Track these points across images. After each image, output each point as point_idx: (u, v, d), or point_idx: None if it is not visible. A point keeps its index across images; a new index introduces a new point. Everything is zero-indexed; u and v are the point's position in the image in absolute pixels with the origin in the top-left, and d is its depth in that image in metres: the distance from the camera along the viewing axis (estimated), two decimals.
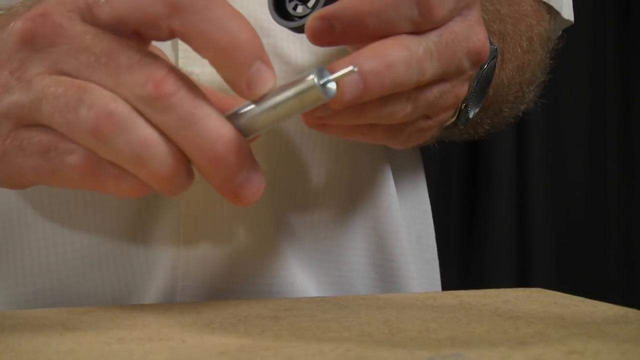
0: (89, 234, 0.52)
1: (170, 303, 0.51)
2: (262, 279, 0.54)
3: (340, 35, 0.36)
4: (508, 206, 1.75)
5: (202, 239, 0.52)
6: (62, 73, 0.34)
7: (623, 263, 1.80)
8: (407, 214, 0.63)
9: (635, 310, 0.43)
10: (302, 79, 0.34)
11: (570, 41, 0.67)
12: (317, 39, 0.36)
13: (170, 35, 0.34)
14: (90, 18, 0.34)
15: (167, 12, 0.33)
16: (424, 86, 0.38)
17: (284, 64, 0.53)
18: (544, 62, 0.62)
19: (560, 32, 0.67)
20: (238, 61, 0.33)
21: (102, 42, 0.34)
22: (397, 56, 0.36)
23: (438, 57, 0.37)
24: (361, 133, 0.40)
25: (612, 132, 1.81)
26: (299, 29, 0.40)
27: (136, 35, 0.35)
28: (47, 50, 0.34)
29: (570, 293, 0.50)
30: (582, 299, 0.47)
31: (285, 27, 0.41)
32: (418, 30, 0.37)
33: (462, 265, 1.75)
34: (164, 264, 0.53)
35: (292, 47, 0.53)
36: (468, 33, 0.39)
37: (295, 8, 0.41)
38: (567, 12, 0.65)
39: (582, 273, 1.78)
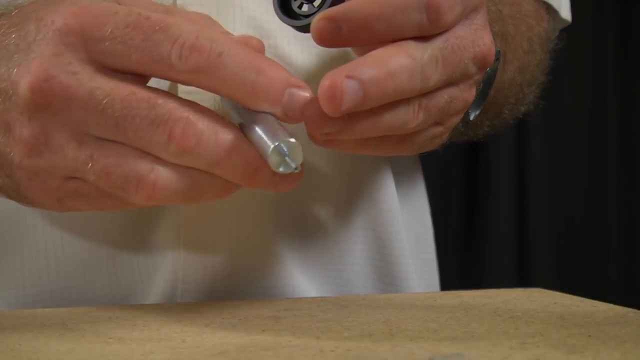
0: (89, 237, 0.52)
1: (170, 303, 0.51)
2: (263, 281, 0.54)
3: (346, 38, 0.36)
4: (508, 206, 1.74)
5: (202, 241, 0.52)
6: (89, 135, 0.35)
7: (623, 263, 1.80)
8: (405, 214, 0.63)
9: (635, 310, 0.43)
10: (266, 145, 0.35)
11: (570, 41, 0.67)
12: (323, 40, 0.36)
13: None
14: (93, 63, 0.35)
15: (187, 77, 0.34)
16: (433, 92, 0.38)
17: (285, 65, 0.52)
18: (543, 62, 0.62)
19: (558, 32, 0.67)
20: (268, 100, 0.35)
21: (114, 102, 0.34)
22: (399, 64, 0.35)
23: (443, 63, 0.37)
24: (372, 147, 0.40)
25: (612, 132, 1.81)
26: (304, 28, 0.40)
27: None
28: (65, 114, 0.35)
29: (570, 293, 0.50)
30: (582, 299, 0.47)
31: (290, 25, 0.41)
32: (425, 35, 0.37)
33: (462, 265, 1.75)
34: (164, 267, 0.53)
35: (292, 48, 0.53)
36: (474, 37, 0.38)
37: (300, 6, 0.40)
38: (565, 12, 0.65)
39: (582, 273, 1.78)
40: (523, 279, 1.72)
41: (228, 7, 0.51)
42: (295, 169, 0.34)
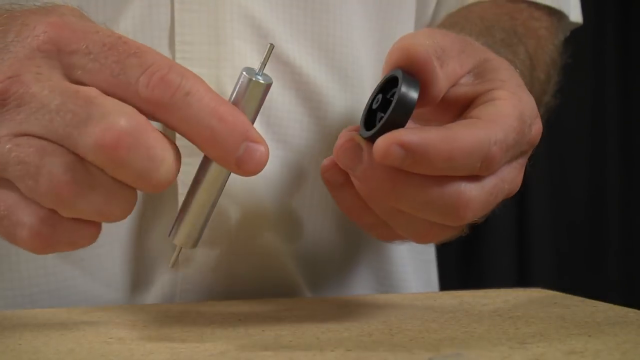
0: None
1: (170, 303, 0.51)
2: (260, 283, 0.54)
3: (407, 165, 0.35)
4: (508, 206, 1.74)
5: (201, 242, 0.52)
6: (27, 134, 0.34)
7: (623, 263, 1.80)
8: None
9: (635, 310, 0.43)
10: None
11: (571, 41, 0.67)
12: (384, 161, 0.35)
13: None
14: (63, 73, 0.34)
15: (148, 107, 0.33)
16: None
17: (282, 64, 0.52)
18: (556, 84, 0.63)
19: (568, 33, 0.67)
20: (224, 149, 0.34)
21: (54, 97, 0.33)
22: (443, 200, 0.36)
23: (484, 207, 0.38)
24: (366, 221, 0.40)
25: (613, 132, 1.81)
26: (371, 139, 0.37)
27: None
28: (15, 111, 0.34)
29: (570, 293, 0.50)
30: (582, 299, 0.47)
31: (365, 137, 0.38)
32: (472, 175, 0.37)
33: (462, 265, 1.75)
34: (163, 268, 0.53)
35: (290, 47, 0.53)
36: (513, 177, 0.39)
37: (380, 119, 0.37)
38: (575, 14, 0.65)
39: (582, 273, 1.78)
40: (523, 279, 1.72)
41: (226, 5, 0.51)
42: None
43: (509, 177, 0.39)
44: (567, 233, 1.80)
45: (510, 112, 0.37)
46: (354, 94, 0.55)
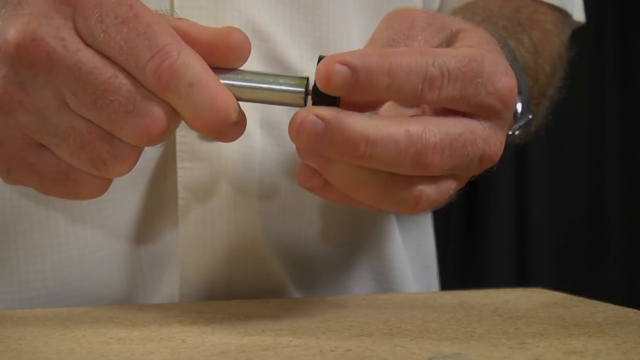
0: (85, 241, 0.52)
1: (170, 303, 0.51)
2: (259, 289, 0.54)
3: (351, 86, 0.35)
4: (508, 206, 1.74)
5: (201, 247, 0.52)
6: (66, 104, 0.35)
7: (623, 263, 1.81)
8: (406, 221, 0.63)
9: (635, 310, 0.43)
10: (293, 81, 0.37)
11: (571, 40, 0.67)
12: (330, 83, 0.35)
13: None
14: (79, 34, 0.35)
15: (156, 87, 0.34)
16: (433, 181, 0.38)
17: (283, 69, 0.52)
18: (561, 78, 0.62)
19: (570, 32, 0.67)
20: (209, 132, 0.36)
21: (96, 81, 0.34)
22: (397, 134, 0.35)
23: (450, 153, 0.36)
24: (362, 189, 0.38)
25: (613, 132, 1.81)
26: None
27: None
28: (46, 77, 0.34)
29: (570, 293, 0.50)
30: (582, 299, 0.48)
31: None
32: (414, 102, 0.37)
33: (462, 265, 1.75)
34: (162, 272, 0.52)
35: (290, 52, 0.53)
36: (487, 136, 0.38)
37: None
38: (578, 13, 0.65)
39: (582, 273, 1.78)
40: (523, 279, 1.72)
41: (226, 10, 0.50)
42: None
43: (480, 132, 0.38)
44: (567, 233, 1.80)
45: (457, 52, 0.36)
46: None
